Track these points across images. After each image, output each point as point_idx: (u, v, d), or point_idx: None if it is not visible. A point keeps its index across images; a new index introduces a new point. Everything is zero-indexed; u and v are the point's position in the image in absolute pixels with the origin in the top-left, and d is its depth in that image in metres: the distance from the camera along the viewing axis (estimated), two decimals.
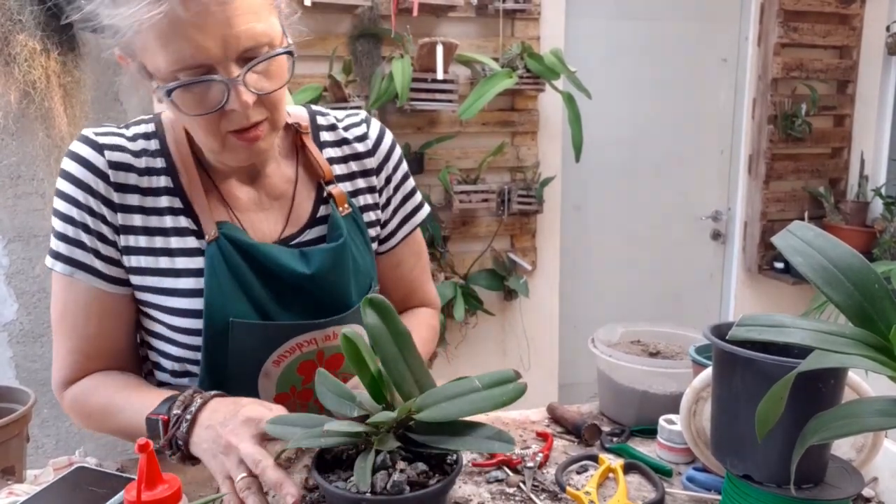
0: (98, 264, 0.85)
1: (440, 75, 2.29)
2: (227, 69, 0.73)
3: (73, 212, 0.83)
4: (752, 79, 3.01)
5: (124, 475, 0.76)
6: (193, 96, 0.74)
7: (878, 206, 3.01)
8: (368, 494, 0.61)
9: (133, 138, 0.87)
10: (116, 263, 0.86)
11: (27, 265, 2.28)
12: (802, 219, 2.90)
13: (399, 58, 2.32)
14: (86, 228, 0.84)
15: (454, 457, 0.68)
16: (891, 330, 0.52)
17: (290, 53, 0.79)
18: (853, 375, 0.73)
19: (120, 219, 0.85)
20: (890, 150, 3.14)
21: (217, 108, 0.74)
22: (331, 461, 0.69)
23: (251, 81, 0.75)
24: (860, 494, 0.79)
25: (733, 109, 3.09)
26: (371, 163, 0.98)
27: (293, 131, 0.95)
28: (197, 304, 0.85)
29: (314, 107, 1.00)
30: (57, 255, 0.84)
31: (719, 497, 0.74)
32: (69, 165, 0.84)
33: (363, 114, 1.01)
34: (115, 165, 0.84)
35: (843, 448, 0.78)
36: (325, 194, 0.93)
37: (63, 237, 0.84)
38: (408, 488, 0.62)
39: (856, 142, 3.15)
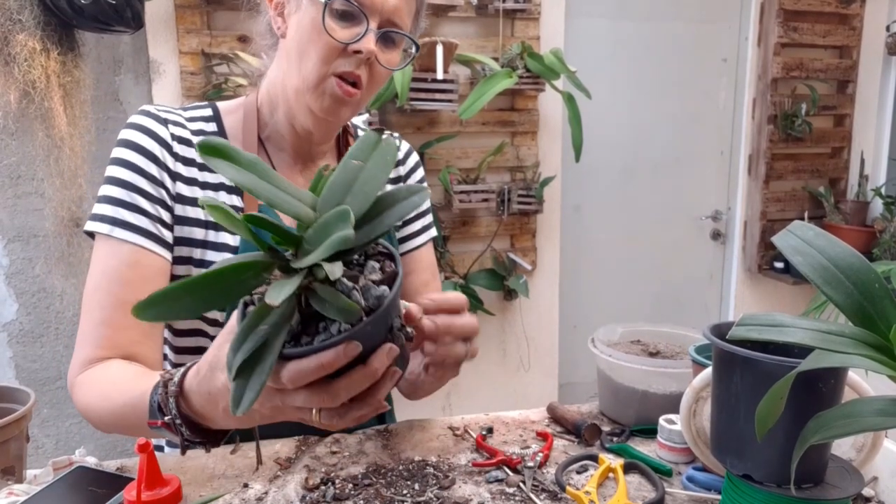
0: (155, 229, 0.87)
1: (440, 75, 2.29)
2: (373, 21, 0.83)
3: (136, 178, 0.86)
4: (752, 79, 3.01)
5: (124, 475, 0.76)
6: (339, 21, 0.83)
7: (877, 206, 3.01)
8: (364, 317, 0.53)
9: (191, 119, 0.93)
10: (170, 230, 0.89)
11: (27, 265, 2.28)
12: (802, 218, 2.90)
13: None
14: (146, 195, 0.86)
15: (383, 245, 0.61)
16: (891, 330, 0.52)
17: (416, 47, 0.91)
18: (853, 375, 0.73)
19: (178, 188, 0.89)
20: (890, 150, 3.14)
21: (349, 42, 0.83)
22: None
23: (378, 46, 0.85)
24: (860, 494, 0.79)
25: (733, 109, 3.09)
26: (401, 171, 1.09)
27: (340, 130, 1.02)
28: None
29: (354, 119, 1.10)
30: (114, 221, 0.85)
31: (719, 497, 0.74)
32: (133, 135, 0.88)
33: (395, 134, 1.11)
34: (178, 139, 0.89)
35: (843, 448, 0.78)
36: None
37: (121, 203, 0.85)
38: (385, 289, 0.55)
39: (856, 142, 3.15)
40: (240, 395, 0.51)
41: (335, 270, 0.50)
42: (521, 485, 0.83)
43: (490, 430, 0.99)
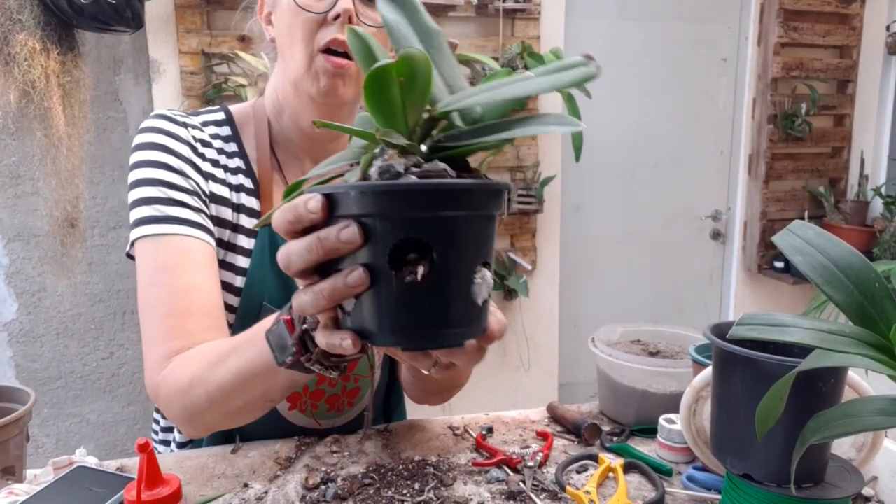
0: (199, 218, 0.86)
1: None
2: None
3: (165, 174, 0.85)
4: (752, 79, 3.01)
5: (124, 475, 0.76)
6: None
7: (877, 206, 3.01)
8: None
9: (204, 124, 0.93)
10: (208, 217, 0.89)
11: (27, 265, 2.29)
12: (802, 218, 2.90)
13: None
14: (179, 188, 0.86)
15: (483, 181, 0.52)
16: (891, 329, 0.52)
17: None
18: (853, 375, 0.73)
19: (209, 187, 0.89)
20: (890, 150, 3.14)
21: (325, 11, 0.82)
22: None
23: (359, 4, 0.83)
24: (860, 493, 0.79)
25: (733, 109, 3.09)
26: None
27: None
28: (240, 282, 0.89)
29: None
30: (154, 220, 0.83)
31: (719, 496, 0.74)
32: (155, 137, 0.86)
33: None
34: (199, 140, 0.89)
35: (843, 447, 0.78)
36: None
37: (157, 200, 0.84)
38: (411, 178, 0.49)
39: (856, 141, 3.15)
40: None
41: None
42: (521, 484, 0.83)
43: (490, 430, 0.99)
